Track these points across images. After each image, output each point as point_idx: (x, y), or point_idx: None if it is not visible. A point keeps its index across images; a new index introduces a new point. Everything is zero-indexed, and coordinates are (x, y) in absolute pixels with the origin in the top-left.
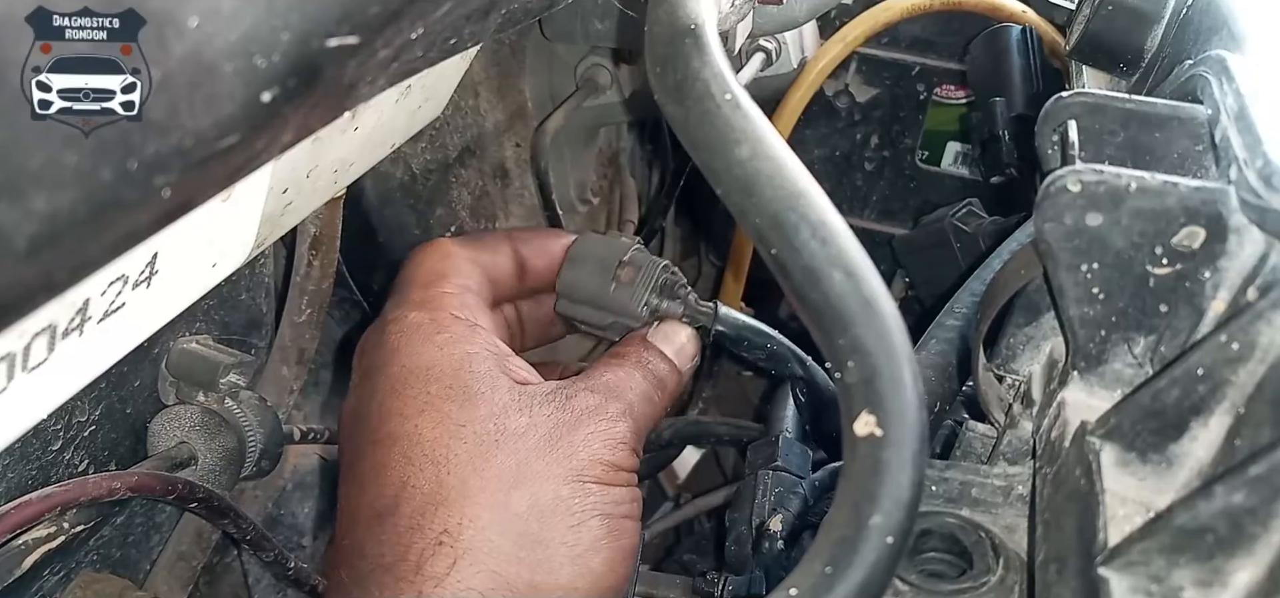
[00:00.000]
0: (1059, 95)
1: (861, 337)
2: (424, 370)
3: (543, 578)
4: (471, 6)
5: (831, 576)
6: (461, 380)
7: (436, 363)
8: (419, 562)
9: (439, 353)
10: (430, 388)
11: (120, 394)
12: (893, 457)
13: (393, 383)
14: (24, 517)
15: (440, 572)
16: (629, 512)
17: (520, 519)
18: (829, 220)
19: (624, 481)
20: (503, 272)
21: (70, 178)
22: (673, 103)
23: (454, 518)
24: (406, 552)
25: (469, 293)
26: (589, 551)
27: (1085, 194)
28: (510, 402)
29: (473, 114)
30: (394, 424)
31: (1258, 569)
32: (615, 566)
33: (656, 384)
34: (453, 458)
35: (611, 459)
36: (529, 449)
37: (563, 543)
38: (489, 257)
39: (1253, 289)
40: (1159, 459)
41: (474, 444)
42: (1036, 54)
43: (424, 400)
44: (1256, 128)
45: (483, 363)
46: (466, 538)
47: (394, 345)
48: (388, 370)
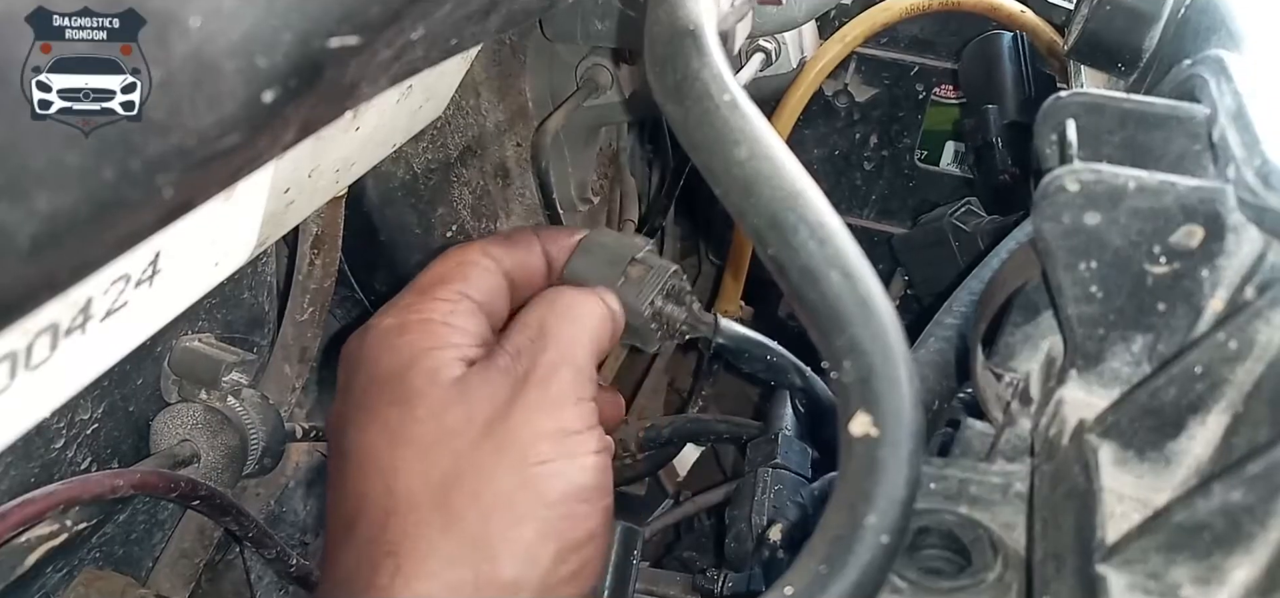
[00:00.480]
0: (1057, 94)
1: (858, 336)
2: (378, 379)
3: (487, 579)
4: (472, 7)
5: (826, 575)
6: (405, 384)
7: (388, 369)
8: (371, 575)
9: (393, 358)
10: (382, 395)
11: (123, 392)
12: (888, 456)
13: (356, 394)
14: (27, 514)
15: (385, 583)
16: (584, 494)
17: (461, 522)
18: (826, 221)
19: (579, 447)
20: (532, 270)
21: (71, 178)
22: (672, 103)
23: (400, 528)
24: (360, 565)
25: (465, 300)
26: (534, 545)
27: (1083, 193)
28: (449, 397)
29: (474, 114)
30: (352, 437)
31: (1255, 567)
32: (565, 557)
33: (582, 305)
34: (396, 466)
35: (557, 427)
36: (466, 445)
37: (506, 541)
38: (517, 255)
39: (1251, 288)
40: (1157, 457)
41: (415, 448)
42: (1028, 60)
43: (373, 411)
44: (1254, 127)
45: (430, 358)
46: (408, 547)
47: (364, 354)
48: (356, 380)
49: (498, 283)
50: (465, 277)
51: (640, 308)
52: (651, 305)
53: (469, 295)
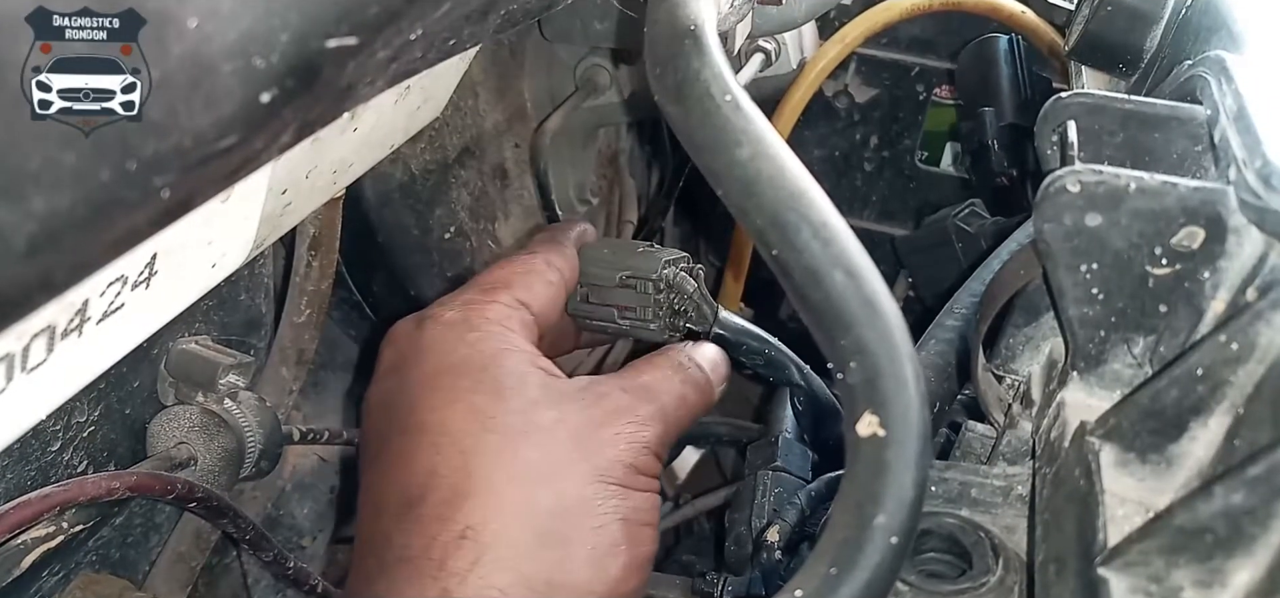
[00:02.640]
0: (1058, 95)
1: (863, 337)
2: (456, 366)
3: (561, 577)
4: (470, 7)
5: (836, 577)
6: (491, 375)
7: (468, 359)
8: (443, 557)
9: (470, 350)
10: (461, 382)
11: (119, 395)
12: (896, 457)
13: (425, 377)
14: (23, 517)
15: (463, 568)
16: (648, 518)
17: (544, 516)
18: (830, 221)
19: (645, 486)
20: (571, 280)
21: (70, 178)
22: (673, 104)
23: (478, 512)
24: (430, 545)
25: (521, 309)
26: (608, 554)
27: (1084, 194)
28: (540, 396)
29: (472, 115)
30: (423, 415)
31: (1257, 570)
32: (632, 572)
33: (692, 389)
34: (480, 449)
35: (634, 462)
36: (556, 445)
37: (583, 544)
38: (569, 265)
39: (1252, 289)
40: (1158, 460)
41: (502, 436)
42: (1024, 63)
43: (454, 393)
44: (1255, 128)
45: (513, 359)
46: (490, 533)
47: (428, 342)
48: (421, 365)
49: (554, 295)
50: (529, 287)
51: (655, 273)
52: (665, 271)
53: (528, 306)
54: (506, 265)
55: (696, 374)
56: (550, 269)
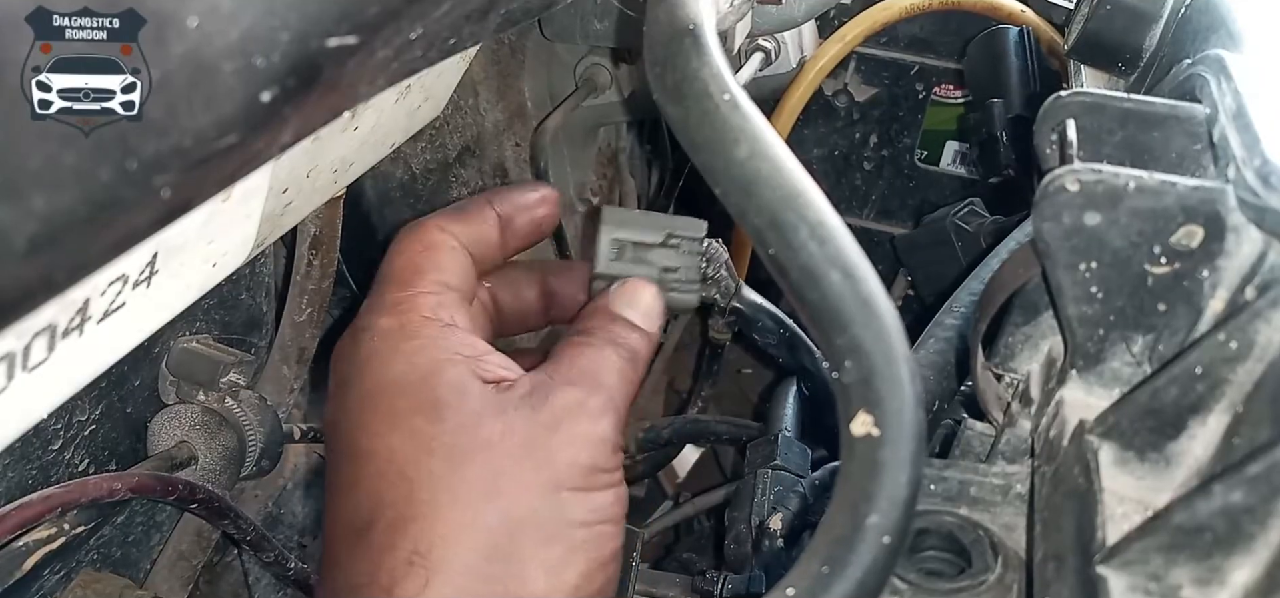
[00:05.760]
0: (1057, 94)
1: (859, 336)
2: (394, 384)
3: (517, 591)
4: (471, 6)
5: (828, 575)
6: (431, 391)
7: (405, 375)
8: (391, 583)
9: (407, 364)
10: (399, 402)
11: (120, 394)
12: (890, 456)
13: (364, 398)
14: (25, 518)
15: (413, 593)
16: (610, 515)
17: (492, 533)
18: (827, 220)
19: (605, 482)
20: (488, 242)
21: (70, 178)
22: (672, 103)
23: (425, 537)
24: (377, 572)
25: (447, 291)
26: (562, 563)
27: (1084, 193)
28: (483, 408)
29: (472, 114)
30: (366, 440)
31: (1256, 568)
32: (592, 576)
33: (631, 358)
34: (424, 473)
35: (591, 463)
36: (502, 459)
37: (535, 558)
38: (474, 228)
39: (1251, 288)
40: (1157, 458)
41: (445, 458)
42: (1034, 56)
43: (394, 415)
44: (1254, 127)
45: (453, 370)
46: (437, 556)
47: (365, 357)
48: (360, 384)
49: (464, 261)
50: (438, 264)
51: (689, 299)
52: (699, 282)
53: (449, 285)
54: (404, 247)
55: (631, 338)
56: (444, 234)
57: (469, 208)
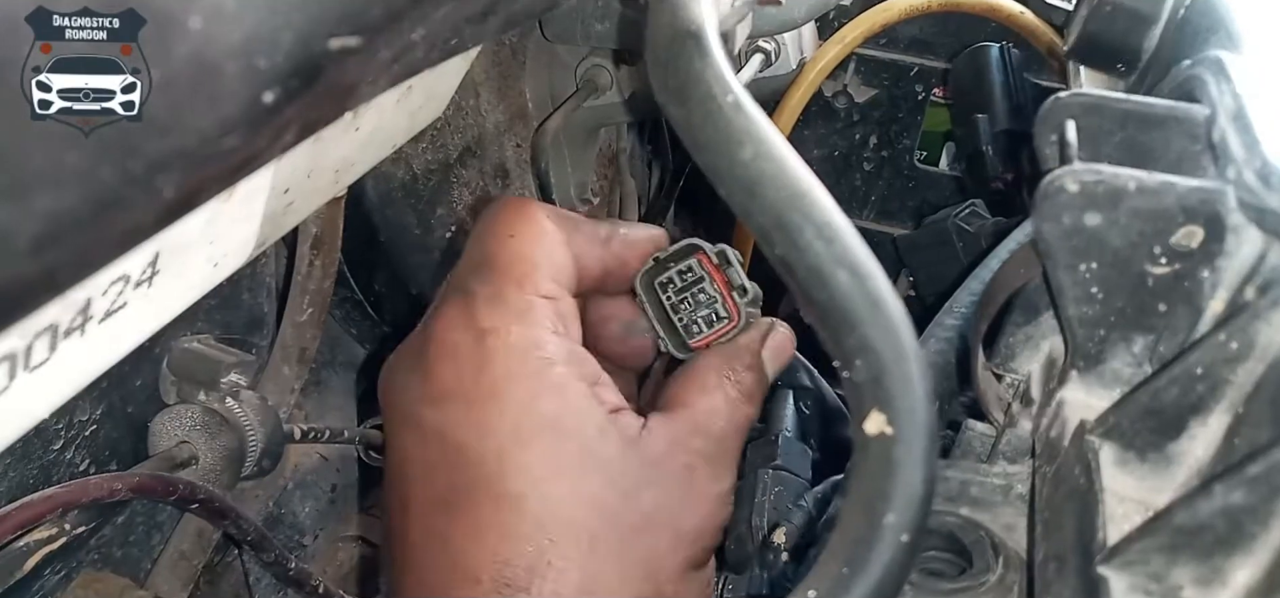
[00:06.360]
0: (1057, 95)
1: (869, 335)
2: (550, 424)
3: None
4: (472, 8)
5: (849, 576)
6: (587, 443)
7: (561, 419)
8: (529, 581)
9: (561, 404)
10: (561, 449)
11: (121, 394)
12: (904, 454)
13: (516, 431)
14: (25, 518)
15: None
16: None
17: (631, 545)
18: (833, 220)
19: (705, 561)
20: (590, 270)
21: (71, 178)
22: (675, 105)
23: (560, 553)
24: (499, 570)
25: (565, 299)
26: (685, 566)
27: (1084, 194)
28: (640, 477)
29: (473, 114)
30: (520, 482)
31: (1257, 568)
32: (696, 573)
33: (747, 410)
34: (601, 544)
35: (715, 532)
36: (659, 530)
37: (669, 564)
38: (583, 246)
39: (1251, 288)
40: (1158, 458)
41: (610, 524)
42: (1015, 70)
43: (556, 462)
44: (1254, 127)
45: (596, 415)
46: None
47: (502, 374)
48: (500, 408)
49: (567, 259)
50: (552, 260)
51: None
52: None
53: (562, 284)
54: (507, 233)
55: (752, 387)
56: (553, 223)
57: (584, 223)
